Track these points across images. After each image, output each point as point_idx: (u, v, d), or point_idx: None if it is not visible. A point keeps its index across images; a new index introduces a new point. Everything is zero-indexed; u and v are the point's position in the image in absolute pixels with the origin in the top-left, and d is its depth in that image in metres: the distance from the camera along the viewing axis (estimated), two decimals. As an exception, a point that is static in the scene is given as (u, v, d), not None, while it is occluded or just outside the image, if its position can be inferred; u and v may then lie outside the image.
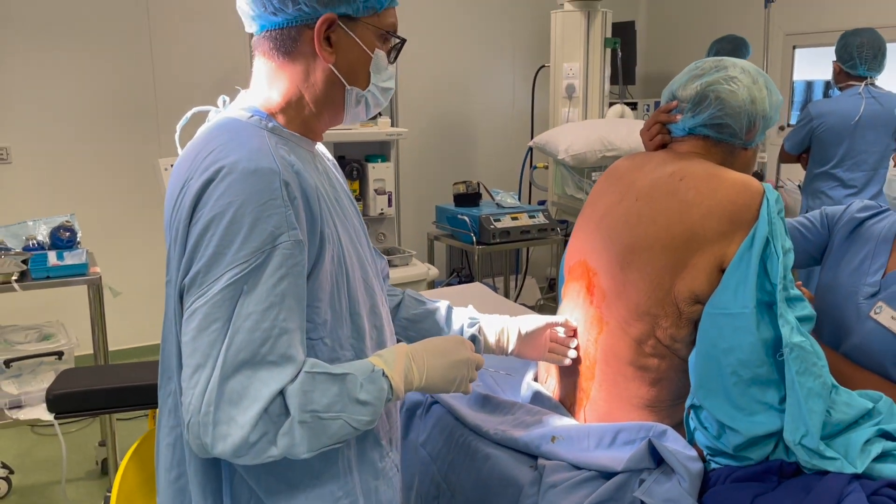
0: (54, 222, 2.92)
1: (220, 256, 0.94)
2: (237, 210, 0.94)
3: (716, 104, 1.41)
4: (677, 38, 5.48)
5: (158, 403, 1.13)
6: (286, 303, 0.96)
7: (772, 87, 1.44)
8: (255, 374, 0.93)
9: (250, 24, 1.10)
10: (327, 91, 1.09)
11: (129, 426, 3.27)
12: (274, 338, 0.94)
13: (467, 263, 4.77)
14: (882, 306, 1.48)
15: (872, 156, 3.25)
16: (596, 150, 3.62)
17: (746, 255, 1.24)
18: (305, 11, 1.04)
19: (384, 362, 1.06)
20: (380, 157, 3.80)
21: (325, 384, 0.97)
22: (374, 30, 1.09)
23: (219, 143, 1.01)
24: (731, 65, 1.43)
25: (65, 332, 3.03)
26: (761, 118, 1.42)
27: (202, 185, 0.97)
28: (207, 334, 0.93)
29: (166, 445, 1.10)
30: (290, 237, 0.97)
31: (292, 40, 1.06)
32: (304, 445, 0.96)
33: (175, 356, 1.04)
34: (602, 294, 1.41)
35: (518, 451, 1.41)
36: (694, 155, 1.44)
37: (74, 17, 3.81)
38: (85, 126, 3.91)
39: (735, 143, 1.44)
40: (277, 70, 1.09)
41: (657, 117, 1.50)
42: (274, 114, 1.10)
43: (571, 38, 4.15)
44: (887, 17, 4.19)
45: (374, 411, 1.02)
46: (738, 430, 1.22)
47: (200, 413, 0.92)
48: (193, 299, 0.95)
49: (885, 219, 1.60)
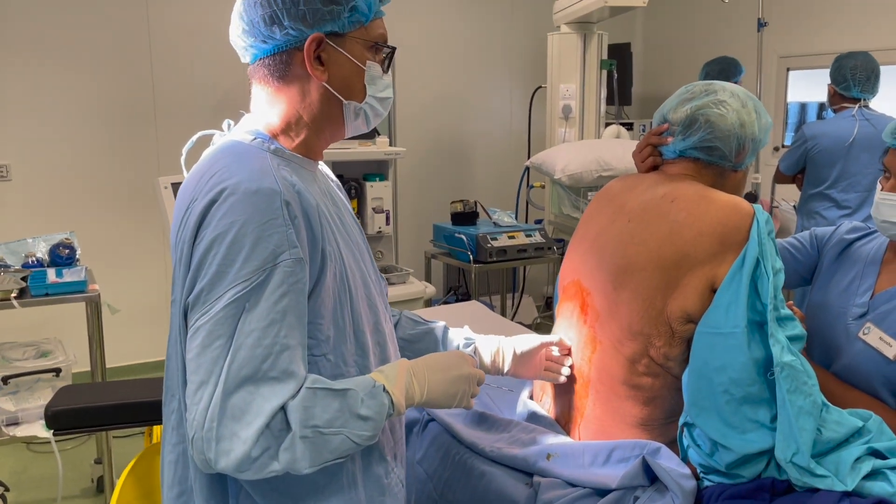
0: (54, 240, 2.94)
1: (222, 275, 0.96)
2: (239, 230, 0.97)
3: (706, 127, 1.43)
4: (672, 60, 5.54)
5: (162, 420, 1.14)
6: (287, 319, 0.98)
7: (761, 111, 1.47)
8: (258, 389, 0.95)
9: (243, 54, 1.14)
10: (325, 108, 1.12)
11: (126, 444, 3.26)
12: (275, 354, 0.96)
13: (464, 282, 4.79)
14: (870, 327, 1.50)
15: (866, 177, 3.28)
16: (592, 170, 3.66)
17: (737, 275, 1.26)
18: (293, 35, 1.07)
19: (385, 378, 1.08)
20: (378, 176, 3.84)
21: (327, 400, 0.99)
22: (364, 42, 1.11)
23: (222, 165, 1.04)
24: (720, 89, 1.46)
25: (63, 349, 3.03)
26: (750, 141, 1.45)
27: (206, 205, 0.99)
28: (210, 351, 0.95)
29: (169, 462, 1.11)
30: (291, 255, 0.99)
31: (285, 64, 1.09)
32: (305, 460, 0.97)
33: (179, 373, 1.06)
34: (595, 314, 1.43)
35: (514, 469, 1.42)
36: (685, 177, 1.47)
37: (75, 34, 3.84)
38: (85, 144, 3.94)
39: (725, 165, 1.46)
40: (275, 94, 1.12)
41: (648, 140, 1.52)
42: (276, 136, 1.13)
43: (568, 60, 4.20)
44: (880, 41, 4.25)
45: (376, 426, 1.04)
46: (730, 448, 1.23)
47: (204, 429, 0.94)
48: (197, 317, 0.97)
49: (872, 240, 1.63)
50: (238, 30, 1.12)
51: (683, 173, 1.47)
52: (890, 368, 1.45)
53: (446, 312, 2.74)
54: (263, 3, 1.06)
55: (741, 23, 4.62)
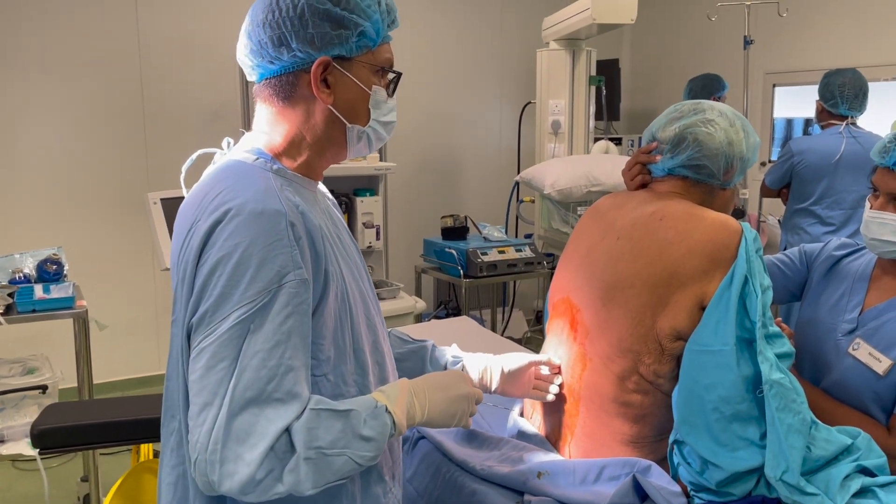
0: (41, 255, 2.92)
1: (227, 296, 0.96)
2: (244, 251, 0.97)
3: (694, 146, 1.44)
4: (660, 76, 5.59)
5: (161, 441, 1.13)
6: (292, 341, 0.98)
7: (749, 130, 1.48)
8: (262, 411, 0.95)
9: (250, 73, 1.14)
10: (328, 131, 1.12)
11: (112, 462, 3.23)
12: (280, 375, 0.96)
13: (454, 296, 4.79)
14: (860, 343, 1.51)
15: (851, 195, 3.29)
16: (581, 185, 3.68)
17: (726, 293, 1.27)
18: (300, 57, 1.07)
19: (387, 398, 1.08)
20: (368, 192, 3.84)
21: (330, 421, 0.99)
22: (370, 67, 1.11)
23: (226, 185, 1.04)
24: (709, 108, 1.48)
25: (49, 366, 3.00)
26: (738, 160, 1.46)
27: (210, 226, 0.99)
28: (215, 373, 0.95)
29: (168, 484, 1.10)
30: (296, 276, 0.99)
31: (291, 85, 1.10)
32: (309, 482, 0.97)
33: (180, 394, 1.05)
34: (585, 331, 1.43)
35: (504, 487, 1.42)
36: (673, 195, 1.48)
37: (64, 49, 3.84)
38: (74, 159, 3.92)
39: (713, 183, 1.47)
40: (279, 114, 1.12)
41: (638, 158, 1.53)
42: (278, 155, 1.13)
43: (557, 76, 4.23)
44: (865, 58, 4.31)
45: (378, 447, 1.04)
46: (720, 466, 1.23)
47: (208, 451, 0.93)
48: (201, 338, 0.97)
49: (861, 257, 1.64)
50: (245, 49, 1.11)
51: (672, 191, 1.48)
52: (880, 384, 1.46)
53: (437, 327, 2.73)
54: (272, 24, 1.07)
55: (728, 40, 4.68)
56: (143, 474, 2.18)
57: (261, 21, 1.08)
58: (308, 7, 1.05)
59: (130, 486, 2.06)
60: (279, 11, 1.06)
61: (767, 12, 4.14)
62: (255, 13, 1.10)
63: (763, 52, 4.67)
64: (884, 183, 1.51)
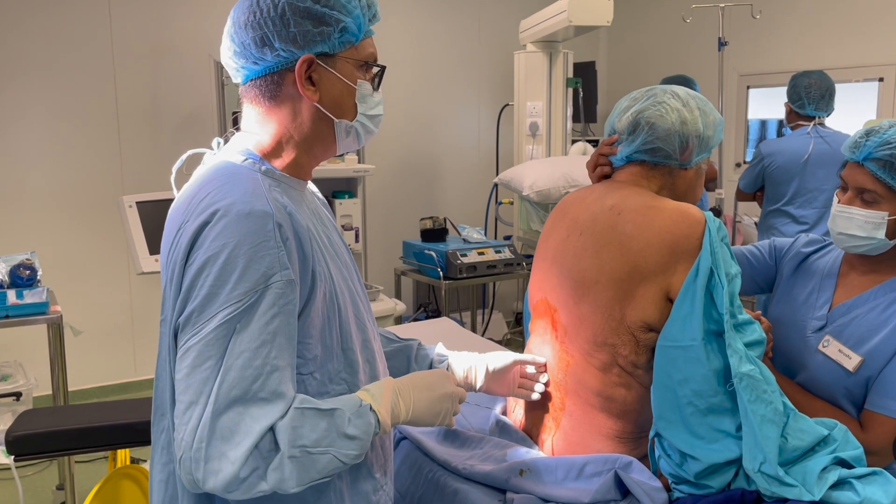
0: (14, 260, 2.87)
1: (214, 296, 0.97)
2: (231, 251, 0.97)
3: (647, 129, 1.44)
4: (636, 78, 5.64)
5: (151, 440, 1.14)
6: (277, 341, 0.98)
7: (706, 108, 1.47)
8: (247, 410, 0.95)
9: (235, 75, 1.14)
10: (316, 128, 1.12)
11: (88, 469, 3.18)
12: (265, 375, 0.97)
13: (434, 298, 4.79)
14: (829, 339, 1.53)
15: (823, 193, 3.35)
16: (559, 186, 3.70)
17: (691, 287, 1.28)
18: (284, 56, 1.08)
19: (371, 397, 1.08)
20: (347, 194, 3.83)
21: (314, 419, 1.00)
22: (354, 62, 1.12)
23: (214, 186, 1.04)
24: (661, 91, 1.48)
25: (23, 373, 2.96)
26: (695, 138, 1.44)
27: (198, 227, 1.00)
28: (200, 372, 0.96)
29: (159, 482, 1.11)
30: (283, 277, 0.99)
31: (276, 85, 1.10)
32: (293, 480, 0.97)
33: (169, 393, 1.06)
34: (563, 329, 1.44)
35: (487, 486, 1.42)
36: (632, 184, 1.47)
37: (36, 52, 3.78)
38: (47, 162, 3.87)
39: (671, 164, 1.46)
40: (266, 114, 1.12)
41: (600, 150, 1.54)
42: (266, 156, 1.13)
43: (534, 78, 4.25)
44: (837, 59, 4.38)
45: (362, 445, 1.04)
46: (697, 458, 1.25)
47: (192, 449, 0.94)
48: (188, 338, 0.98)
49: (828, 253, 1.66)
50: (229, 51, 1.12)
51: (631, 180, 1.48)
52: (850, 380, 1.48)
53: (417, 329, 2.73)
54: (254, 25, 1.07)
55: (702, 42, 4.73)
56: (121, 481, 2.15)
57: (243, 22, 1.08)
58: (289, 6, 1.06)
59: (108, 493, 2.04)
60: (260, 12, 1.06)
61: (741, 14, 4.19)
62: (237, 15, 1.10)
63: (737, 54, 4.73)
64: (852, 178, 1.53)
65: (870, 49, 4.32)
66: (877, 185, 1.48)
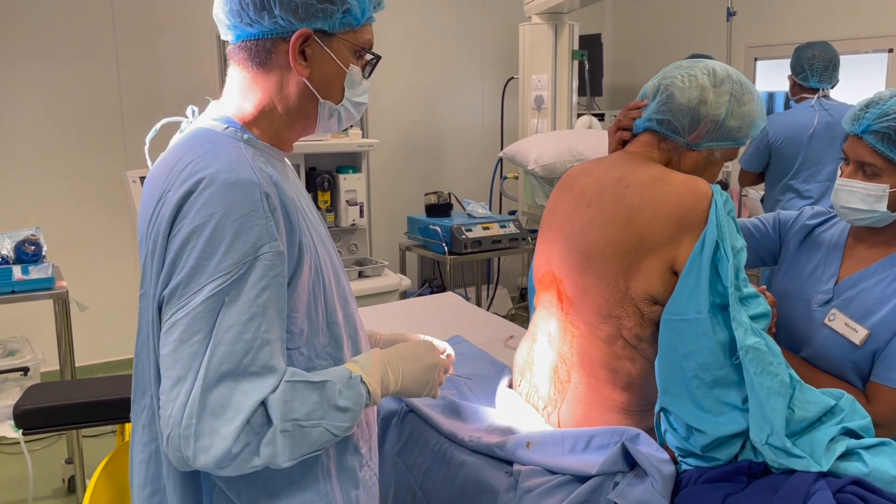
0: (19, 236, 2.87)
1: (201, 268, 0.94)
2: (218, 221, 0.94)
3: (664, 98, 1.42)
4: (642, 50, 5.58)
5: (132, 419, 1.11)
6: (268, 314, 0.96)
7: (743, 98, 1.41)
8: (238, 385, 0.93)
9: (225, 32, 1.10)
10: (301, 103, 1.10)
11: (96, 443, 3.21)
12: (256, 349, 0.95)
13: (439, 274, 4.79)
14: (835, 313, 1.52)
15: (827, 167, 3.31)
16: (565, 161, 3.67)
17: (697, 260, 1.27)
18: (281, 25, 1.05)
19: (361, 368, 1.07)
20: (351, 168, 3.81)
21: (306, 392, 0.98)
22: (350, 46, 1.09)
23: (196, 154, 1.01)
24: (700, 65, 1.44)
25: (30, 348, 2.97)
26: (711, 121, 1.41)
27: (182, 196, 0.96)
28: (189, 346, 0.93)
29: (140, 462, 1.09)
30: (272, 248, 0.97)
31: (267, 52, 1.07)
32: (286, 454, 0.96)
33: (151, 369, 1.03)
34: (569, 301, 1.43)
35: (493, 458, 1.42)
36: (641, 156, 1.45)
37: (38, 27, 3.75)
38: (50, 138, 3.85)
39: (678, 140, 1.44)
40: (251, 80, 1.09)
41: (624, 112, 1.52)
42: (248, 124, 1.10)
43: (539, 50, 4.21)
44: (847, 30, 4.31)
45: (354, 417, 1.03)
46: (704, 431, 1.24)
47: (182, 426, 0.91)
48: (174, 311, 0.95)
49: (834, 225, 1.64)
50: (224, 6, 1.07)
51: (641, 150, 1.46)
52: (857, 354, 1.47)
53: (422, 305, 2.73)
54: None
55: (710, 12, 4.67)
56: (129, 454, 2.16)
57: None
58: None
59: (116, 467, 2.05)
60: None
61: (749, -15, 4.12)
62: None
63: (745, 26, 4.66)
64: (853, 151, 1.50)
65: (880, 19, 4.25)
66: (876, 157, 1.46)
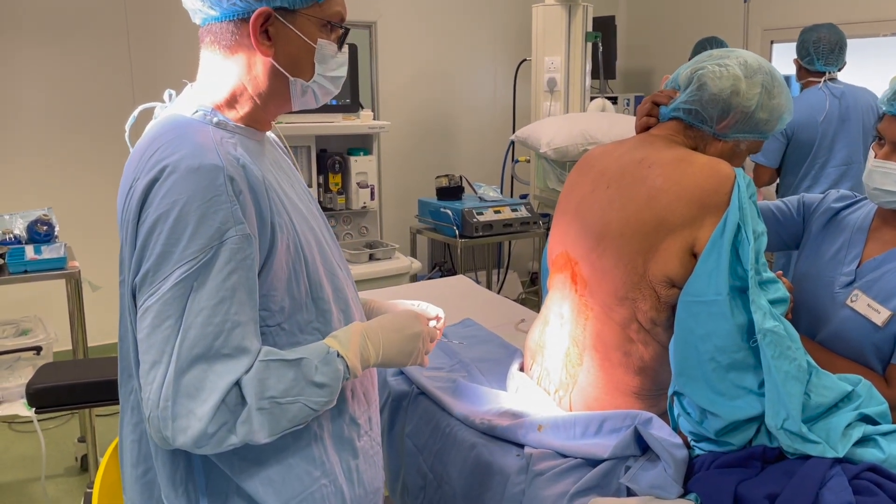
0: (31, 216, 2.88)
1: (168, 255, 0.96)
2: (182, 208, 0.95)
3: (696, 87, 1.41)
4: (657, 33, 5.51)
5: (120, 401, 1.14)
6: (237, 296, 0.97)
7: (774, 91, 1.41)
8: (211, 367, 0.95)
9: (193, 15, 1.11)
10: (271, 83, 1.08)
11: (109, 422, 3.23)
12: (227, 331, 0.96)
13: (450, 257, 4.78)
14: (858, 294, 1.50)
15: (840, 151, 3.26)
16: (577, 144, 3.64)
17: (718, 242, 1.25)
18: (240, 6, 1.04)
19: (339, 343, 1.08)
20: (362, 151, 3.80)
21: (281, 370, 1.00)
22: (317, 20, 1.07)
23: (163, 141, 1.02)
24: (735, 56, 1.42)
25: (43, 327, 2.99)
26: (741, 112, 1.40)
27: (147, 184, 0.98)
28: (161, 331, 0.95)
29: (131, 442, 1.11)
30: (238, 232, 0.97)
31: (230, 34, 1.06)
32: (263, 431, 0.98)
33: (133, 354, 1.05)
34: (584, 282, 1.42)
35: (504, 440, 1.42)
36: (664, 138, 1.44)
37: (52, 14, 3.75)
38: (63, 120, 3.86)
39: (705, 129, 1.43)
40: (220, 63, 1.09)
41: (652, 97, 1.50)
42: (220, 107, 1.10)
43: (553, 32, 4.16)
44: (863, 13, 4.24)
45: (332, 392, 1.05)
46: (718, 415, 1.23)
47: (159, 407, 0.94)
48: (145, 297, 0.97)
49: (860, 208, 1.62)
50: None
51: (665, 135, 1.45)
52: (879, 335, 1.46)
53: (433, 288, 2.72)
54: None
55: (726, -5, 4.60)
56: (141, 433, 2.18)
57: None
58: None
59: (128, 445, 2.07)
60: None
61: (767, -34, 4.06)
62: None
63: (761, 9, 4.59)
64: (890, 131, 1.48)
65: (900, 2, 4.17)
66: None
